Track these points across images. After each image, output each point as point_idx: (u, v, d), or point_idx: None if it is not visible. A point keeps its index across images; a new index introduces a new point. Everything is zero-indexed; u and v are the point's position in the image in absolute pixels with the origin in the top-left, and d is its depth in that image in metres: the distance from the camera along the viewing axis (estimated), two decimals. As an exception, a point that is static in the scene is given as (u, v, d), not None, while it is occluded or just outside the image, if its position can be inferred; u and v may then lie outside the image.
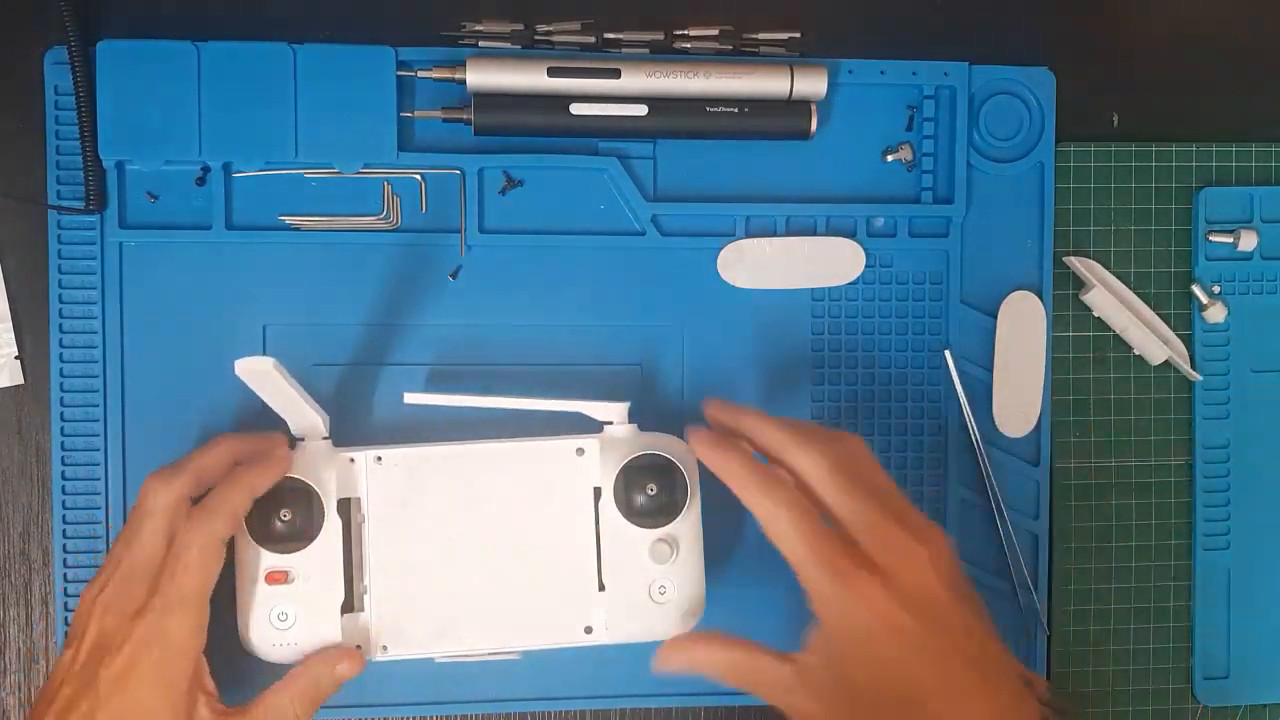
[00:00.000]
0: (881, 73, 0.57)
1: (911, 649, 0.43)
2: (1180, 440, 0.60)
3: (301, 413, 0.48)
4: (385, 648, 0.49)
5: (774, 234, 0.57)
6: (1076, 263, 0.58)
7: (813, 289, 0.57)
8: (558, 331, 0.56)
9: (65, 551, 0.54)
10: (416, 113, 0.54)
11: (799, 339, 0.57)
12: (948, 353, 0.58)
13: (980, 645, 0.45)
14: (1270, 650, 0.60)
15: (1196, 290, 0.59)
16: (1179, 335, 0.59)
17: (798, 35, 0.57)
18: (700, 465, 0.48)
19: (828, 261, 0.57)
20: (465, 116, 0.53)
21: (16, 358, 0.55)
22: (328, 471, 0.48)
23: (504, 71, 0.53)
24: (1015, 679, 0.46)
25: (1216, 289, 0.59)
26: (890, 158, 0.58)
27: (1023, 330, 0.58)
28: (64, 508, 0.54)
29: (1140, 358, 0.59)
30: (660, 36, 0.56)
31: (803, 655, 0.45)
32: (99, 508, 0.54)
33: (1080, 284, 0.59)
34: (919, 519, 0.46)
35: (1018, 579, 0.58)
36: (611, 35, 0.56)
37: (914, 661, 0.43)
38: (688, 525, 0.49)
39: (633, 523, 0.48)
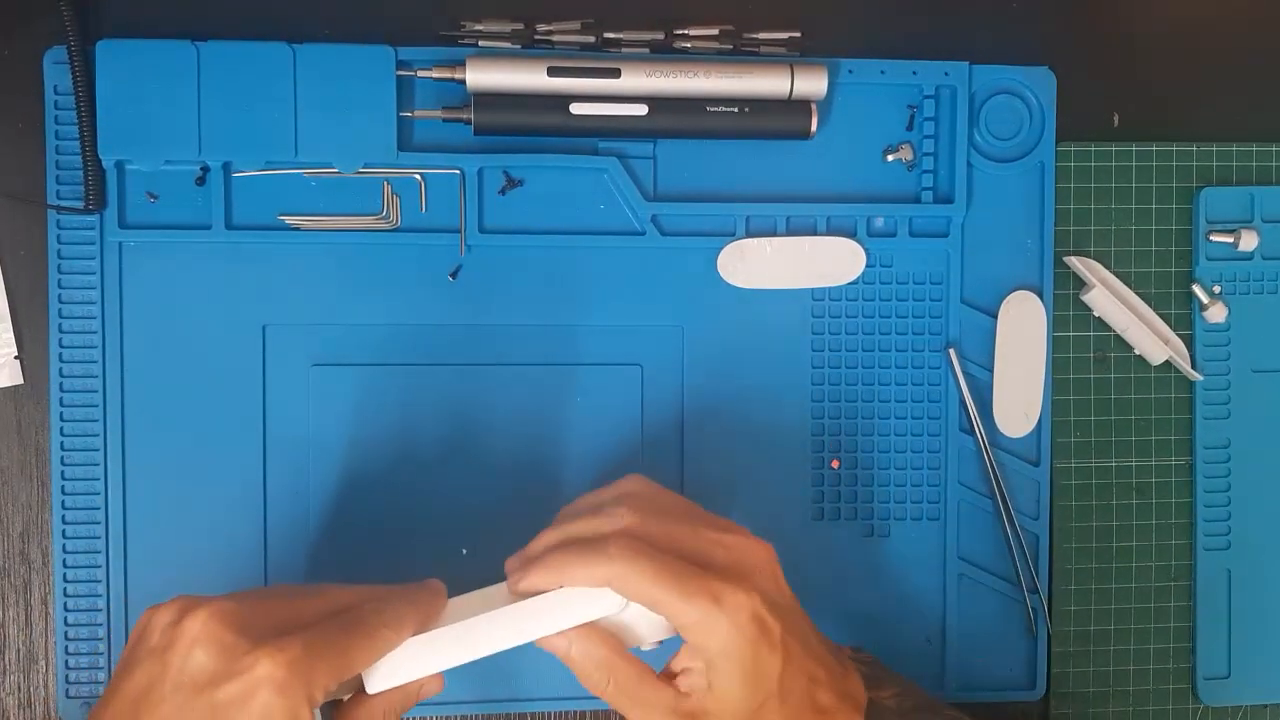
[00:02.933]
0: (882, 72, 0.57)
1: (778, 650, 0.44)
2: (1181, 440, 0.60)
3: None
4: None
5: (774, 234, 0.57)
6: (1077, 262, 0.58)
7: (813, 289, 0.57)
8: (557, 331, 0.56)
9: (65, 552, 0.54)
10: (416, 112, 0.54)
11: (799, 339, 0.57)
12: (952, 351, 0.57)
13: (813, 631, 0.47)
14: (1272, 649, 0.60)
15: (1197, 290, 0.59)
16: (1179, 335, 0.59)
17: (798, 35, 0.57)
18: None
19: (828, 261, 0.57)
20: (465, 116, 0.53)
21: (16, 357, 0.54)
22: None
23: (504, 71, 0.53)
24: (837, 655, 0.48)
25: (1217, 289, 0.59)
26: (890, 157, 0.57)
27: (1023, 330, 0.58)
28: (63, 508, 0.54)
29: (1141, 358, 0.59)
30: (660, 36, 0.56)
31: (681, 679, 0.45)
32: (98, 508, 0.54)
33: (1081, 284, 0.59)
34: (732, 524, 0.47)
35: (1024, 579, 0.58)
36: (611, 35, 0.56)
37: (778, 662, 0.44)
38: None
39: None
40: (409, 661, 0.45)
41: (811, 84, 0.55)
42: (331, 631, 0.42)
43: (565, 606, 0.45)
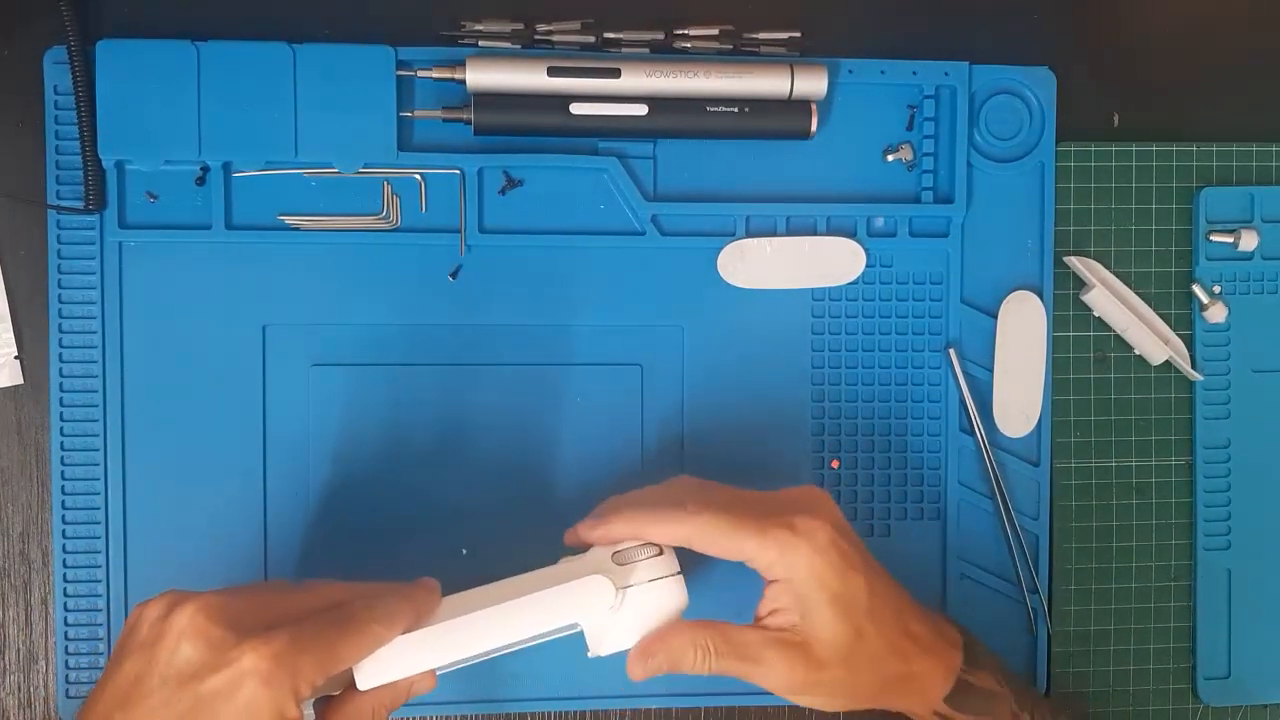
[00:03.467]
0: (882, 72, 0.57)
1: (860, 571, 0.46)
2: (1181, 440, 0.60)
3: None
4: None
5: (774, 234, 0.57)
6: (1077, 262, 0.58)
7: (813, 289, 0.57)
8: (557, 331, 0.56)
9: (65, 552, 0.54)
10: (416, 112, 0.54)
11: (799, 339, 0.57)
12: (952, 351, 0.57)
13: (885, 572, 0.49)
14: (1272, 649, 0.60)
15: (1197, 290, 0.59)
16: (1179, 335, 0.59)
17: (798, 35, 0.57)
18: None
19: (828, 261, 0.57)
20: (465, 116, 0.53)
21: (16, 358, 0.54)
22: None
23: (504, 71, 0.53)
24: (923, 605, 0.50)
25: (1217, 289, 0.59)
26: (890, 157, 0.57)
27: (1023, 330, 0.58)
28: (63, 508, 0.54)
29: (1141, 358, 0.59)
30: (660, 36, 0.56)
31: (771, 619, 0.47)
32: (98, 508, 0.54)
33: (1081, 284, 0.59)
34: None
35: (1024, 579, 0.58)
36: (611, 35, 0.56)
37: (863, 582, 0.46)
38: None
39: None
40: (400, 658, 0.45)
41: (811, 84, 0.55)
42: (320, 626, 0.43)
43: (557, 604, 0.45)
